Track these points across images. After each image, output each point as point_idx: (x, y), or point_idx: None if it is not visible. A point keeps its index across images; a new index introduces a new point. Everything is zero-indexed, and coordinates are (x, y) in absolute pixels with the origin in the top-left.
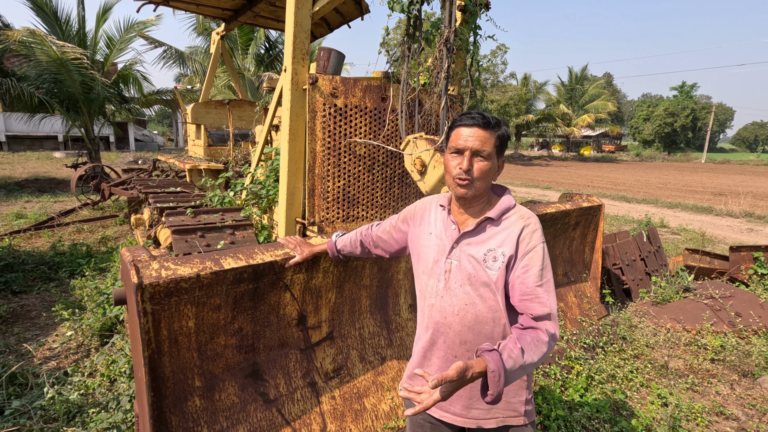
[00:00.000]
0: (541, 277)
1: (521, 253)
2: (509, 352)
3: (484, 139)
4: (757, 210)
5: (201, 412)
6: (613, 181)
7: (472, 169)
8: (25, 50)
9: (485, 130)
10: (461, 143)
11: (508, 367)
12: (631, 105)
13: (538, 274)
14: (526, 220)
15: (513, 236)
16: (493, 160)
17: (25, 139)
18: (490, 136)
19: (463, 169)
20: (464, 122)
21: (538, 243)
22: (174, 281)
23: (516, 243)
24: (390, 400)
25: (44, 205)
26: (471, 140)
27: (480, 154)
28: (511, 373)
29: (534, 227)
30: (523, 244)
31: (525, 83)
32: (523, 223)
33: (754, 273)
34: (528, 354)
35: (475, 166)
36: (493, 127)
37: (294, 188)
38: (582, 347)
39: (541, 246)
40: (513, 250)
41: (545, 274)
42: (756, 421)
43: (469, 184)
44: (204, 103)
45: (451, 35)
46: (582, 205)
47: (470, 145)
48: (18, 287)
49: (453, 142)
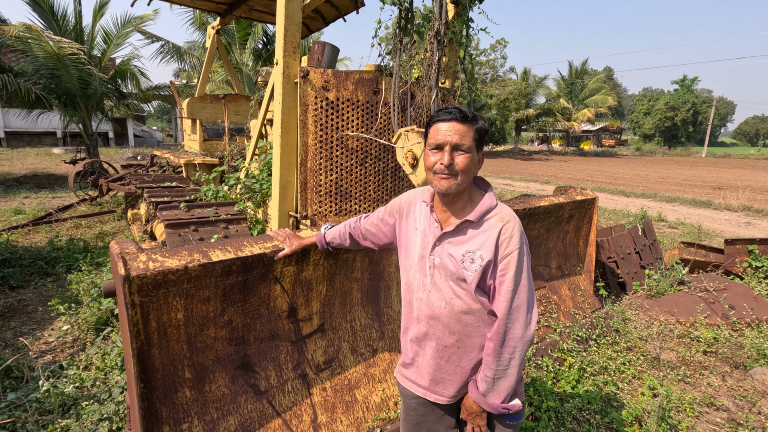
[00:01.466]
0: (515, 281)
1: (500, 257)
2: (482, 377)
3: (462, 133)
4: (755, 204)
5: (191, 403)
6: (612, 176)
7: (454, 163)
8: (22, 46)
9: (463, 123)
10: (440, 138)
11: (484, 390)
12: (632, 99)
13: (512, 279)
14: (506, 223)
15: (492, 240)
16: (473, 153)
17: (23, 135)
18: (469, 129)
19: (444, 164)
20: (441, 117)
21: (515, 248)
22: (162, 273)
23: (495, 247)
24: (381, 391)
25: (42, 201)
26: (450, 134)
27: (460, 148)
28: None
29: (512, 231)
30: (502, 248)
31: (525, 77)
32: (502, 225)
33: (748, 266)
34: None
35: (456, 160)
36: (471, 121)
37: (286, 182)
38: (575, 340)
39: (517, 251)
40: (492, 254)
41: (521, 279)
42: (746, 412)
43: (452, 177)
44: (200, 98)
45: (441, 28)
46: (575, 198)
47: (449, 140)
48: (15, 282)
49: (432, 138)
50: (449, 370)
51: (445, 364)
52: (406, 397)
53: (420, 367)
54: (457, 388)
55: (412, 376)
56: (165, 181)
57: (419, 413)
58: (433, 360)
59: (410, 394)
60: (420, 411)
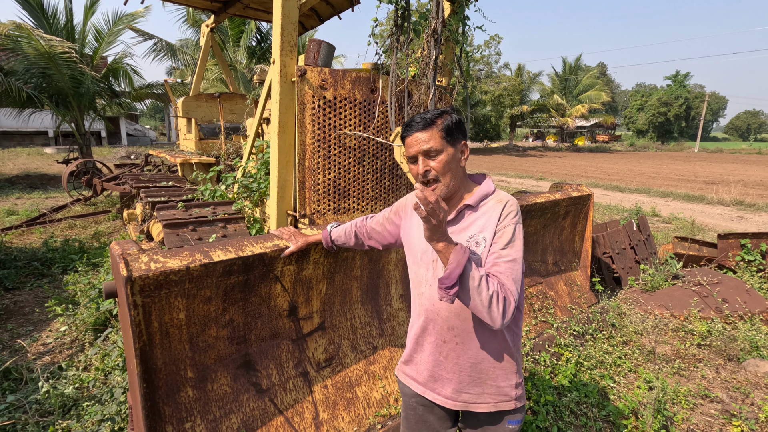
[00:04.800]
0: (501, 254)
1: (497, 229)
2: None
3: (426, 138)
4: (747, 198)
5: (194, 402)
6: (606, 171)
7: (430, 168)
8: (12, 44)
9: (424, 130)
10: (412, 151)
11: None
12: (625, 95)
13: (499, 251)
14: (504, 204)
15: (492, 220)
16: (446, 150)
17: (14, 134)
18: (432, 132)
19: (420, 173)
20: (406, 133)
21: (511, 223)
22: (164, 274)
23: (495, 226)
24: (382, 388)
25: (36, 202)
26: (416, 145)
27: (429, 153)
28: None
29: (510, 209)
30: (500, 223)
31: (519, 74)
32: (501, 206)
33: (741, 260)
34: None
35: (432, 164)
36: (431, 124)
37: (285, 181)
38: (572, 334)
39: (513, 225)
40: (493, 234)
41: (510, 251)
42: (739, 403)
43: (434, 183)
44: (195, 97)
45: (438, 26)
46: (571, 195)
47: (417, 149)
48: (11, 284)
49: (407, 152)
50: (447, 368)
51: (444, 361)
52: (406, 396)
53: (419, 363)
54: (454, 388)
55: (412, 372)
56: (161, 180)
57: (419, 413)
58: (431, 356)
59: (410, 393)
60: (420, 411)
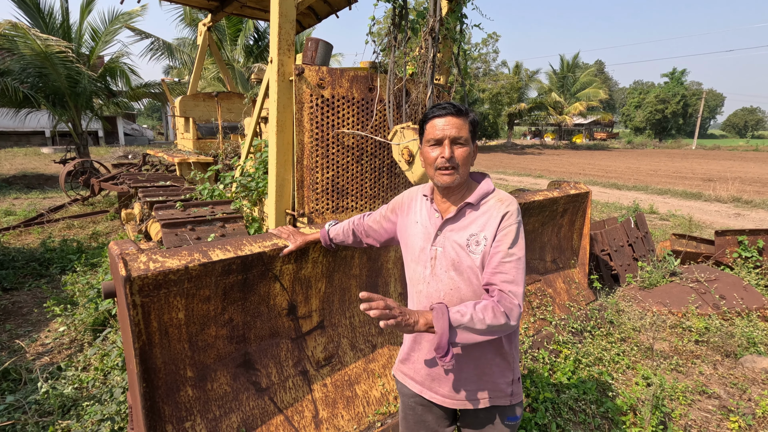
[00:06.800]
0: (509, 254)
1: (498, 230)
2: (458, 309)
3: (459, 126)
4: (744, 195)
5: (194, 401)
6: (604, 169)
7: (454, 156)
8: (8, 44)
9: (458, 117)
10: (439, 133)
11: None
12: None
13: (506, 250)
14: (505, 204)
15: (494, 221)
16: (470, 145)
17: (11, 134)
18: (464, 122)
19: (446, 158)
20: (437, 113)
21: (513, 223)
22: (162, 273)
23: (497, 226)
24: (381, 386)
25: (33, 202)
26: (448, 129)
27: (458, 141)
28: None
29: (512, 209)
30: (501, 223)
31: (517, 72)
32: (503, 206)
33: (738, 256)
34: (479, 313)
35: (456, 153)
36: (465, 114)
37: (283, 180)
38: (570, 332)
39: (515, 226)
40: (494, 233)
41: (515, 251)
42: (737, 399)
43: (454, 171)
44: (192, 96)
45: (436, 24)
46: (569, 193)
47: (448, 134)
48: (9, 284)
49: (429, 134)
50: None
51: None
52: (405, 396)
53: (416, 362)
54: (451, 386)
55: (409, 371)
56: (159, 180)
57: (417, 413)
58: (429, 354)
59: (408, 393)
60: (418, 411)
